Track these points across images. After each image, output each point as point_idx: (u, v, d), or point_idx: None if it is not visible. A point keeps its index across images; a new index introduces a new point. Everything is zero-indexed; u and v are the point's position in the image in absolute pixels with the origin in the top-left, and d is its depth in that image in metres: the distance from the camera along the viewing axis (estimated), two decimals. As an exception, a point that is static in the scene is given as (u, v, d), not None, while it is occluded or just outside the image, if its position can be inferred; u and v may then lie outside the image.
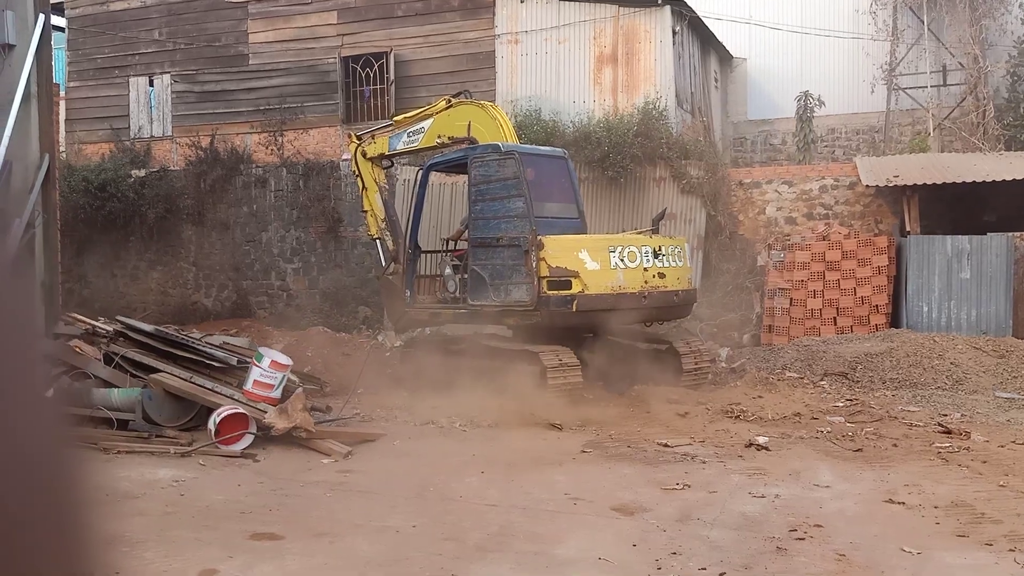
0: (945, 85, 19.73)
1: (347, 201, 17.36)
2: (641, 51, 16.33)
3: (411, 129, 12.38)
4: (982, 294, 13.42)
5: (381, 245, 13.02)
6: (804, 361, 12.06)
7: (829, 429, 8.99)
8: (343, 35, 17.85)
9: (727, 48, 20.13)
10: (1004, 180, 13.48)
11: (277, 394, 8.62)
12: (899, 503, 6.40)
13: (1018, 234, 13.66)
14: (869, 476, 7.21)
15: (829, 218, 15.57)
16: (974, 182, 13.61)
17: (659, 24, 16.28)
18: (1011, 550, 5.35)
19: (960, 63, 19.26)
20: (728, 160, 18.87)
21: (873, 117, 19.99)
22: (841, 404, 10.33)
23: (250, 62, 18.50)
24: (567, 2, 16.71)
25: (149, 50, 19.29)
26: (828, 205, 15.73)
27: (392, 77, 17.34)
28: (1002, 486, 6.84)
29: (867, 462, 7.69)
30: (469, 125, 11.48)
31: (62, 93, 19.68)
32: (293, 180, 17.68)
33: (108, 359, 9.06)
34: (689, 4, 16.84)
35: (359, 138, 13.27)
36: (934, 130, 19.15)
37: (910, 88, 19.71)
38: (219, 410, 8.17)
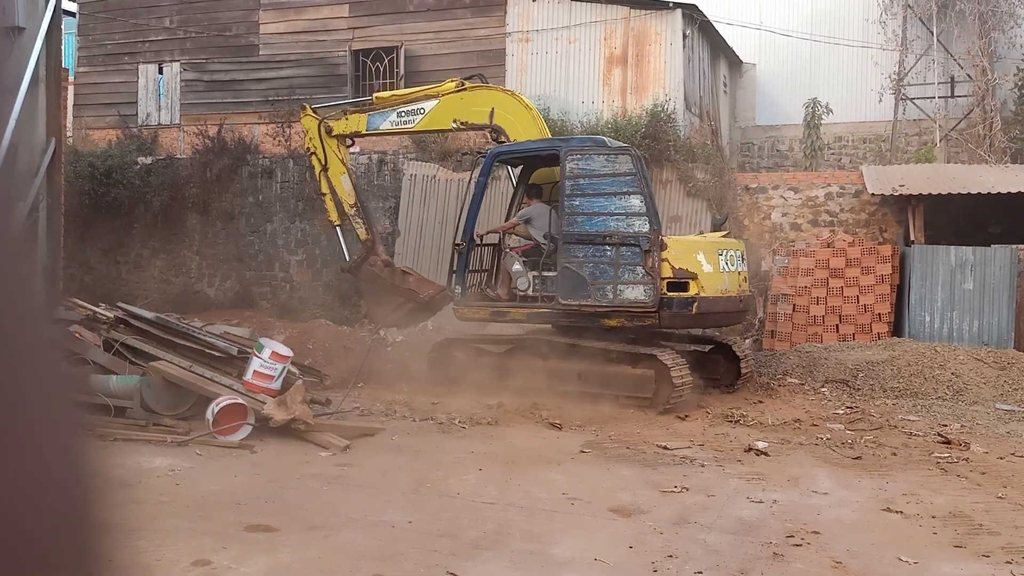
0: (953, 96, 19.69)
1: (352, 195, 17.34)
2: (651, 53, 16.31)
3: (404, 108, 11.75)
4: (985, 305, 13.39)
5: (343, 233, 12.31)
6: (805, 367, 12.05)
7: (829, 436, 8.97)
8: (354, 28, 17.84)
9: (737, 53, 20.10)
10: (1009, 192, 13.46)
11: (277, 385, 8.60)
12: (897, 512, 6.38)
13: (1022, 246, 13.63)
14: (868, 484, 7.19)
15: (834, 225, 15.55)
16: (979, 194, 13.59)
17: (670, 27, 16.26)
18: (1008, 562, 5.33)
19: (968, 75, 19.23)
20: (735, 165, 18.85)
21: (880, 126, 19.95)
22: (841, 411, 10.31)
23: (260, 52, 18.50)
24: (579, 2, 16.70)
25: (159, 37, 19.29)
26: (833, 212, 15.71)
27: (402, 72, 17.33)
28: (1000, 498, 6.82)
29: (866, 470, 7.67)
30: (492, 112, 11.14)
31: (71, 78, 19.72)
32: (299, 172, 17.66)
33: (108, 345, 9.05)
34: (700, 8, 16.80)
35: (315, 111, 12.44)
36: (940, 141, 19.11)
37: (918, 98, 19.68)
38: (217, 400, 8.16)
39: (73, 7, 19.61)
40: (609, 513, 6.29)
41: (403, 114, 11.83)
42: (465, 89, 11.48)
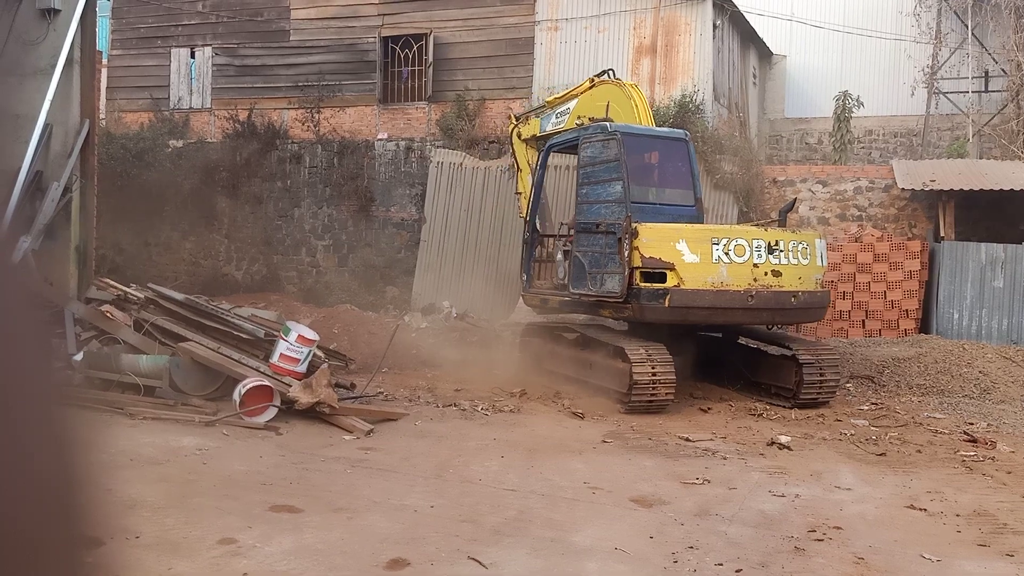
0: (987, 91, 19.39)
1: (380, 180, 17.43)
2: (680, 43, 16.20)
3: (559, 110, 12.01)
4: (1015, 304, 13.22)
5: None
6: (839, 369, 11.92)
7: (853, 432, 8.92)
8: (384, 15, 17.88)
9: (767, 44, 19.91)
10: (1044, 190, 13.27)
11: (303, 368, 8.69)
12: (921, 509, 6.35)
13: (1055, 245, 13.45)
14: (891, 481, 7.15)
15: (863, 220, 15.40)
16: (1012, 190, 13.40)
17: (700, 17, 16.14)
18: (1032, 563, 5.29)
19: (1003, 69, 18.93)
20: (763, 157, 18.71)
21: (912, 120, 19.71)
22: (866, 407, 10.24)
23: (291, 38, 18.58)
24: (608, -9, 16.62)
25: (192, 22, 19.43)
26: (862, 207, 15.56)
27: (430, 59, 17.35)
28: (1026, 498, 6.76)
29: (890, 467, 7.63)
30: (608, 106, 10.99)
31: (104, 60, 19.88)
32: (328, 157, 17.76)
33: (138, 326, 9.17)
34: (731, -2, 16.68)
35: (517, 119, 13.09)
36: (973, 136, 18.85)
37: (951, 92, 19.41)
38: (245, 381, 8.25)
39: (107, -9, 19.78)
40: (630, 503, 6.30)
41: (559, 115, 12.03)
42: (594, 86, 11.51)
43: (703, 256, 9.35)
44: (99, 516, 1.04)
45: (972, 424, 9.45)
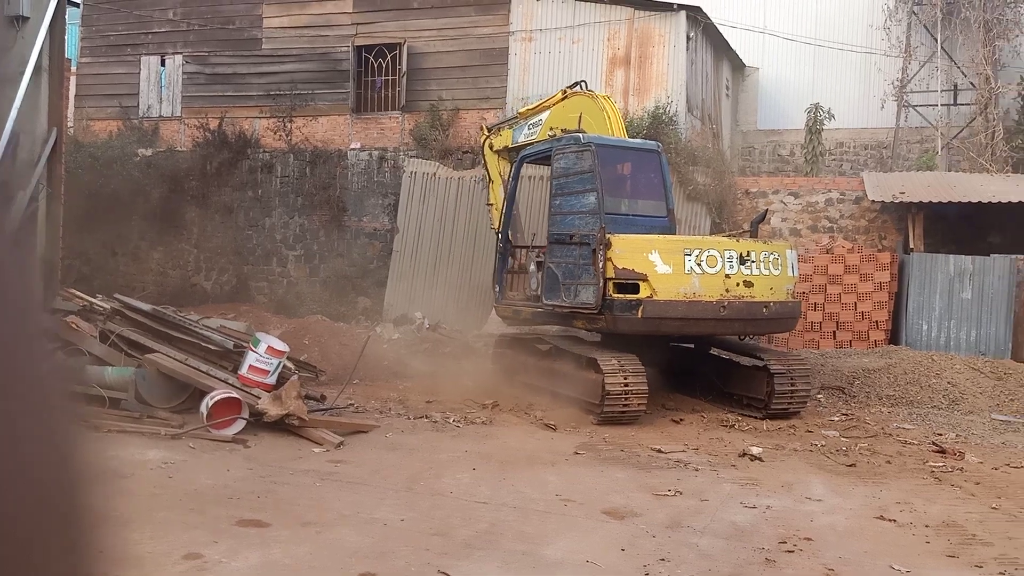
0: (955, 104, 19.69)
1: (352, 190, 17.34)
2: (654, 55, 16.30)
3: (531, 121, 12.04)
4: (983, 315, 13.39)
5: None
6: (810, 380, 11.98)
7: (823, 443, 8.96)
8: (357, 24, 17.83)
9: (740, 57, 20.09)
10: (1010, 202, 13.45)
11: (272, 380, 8.58)
12: (890, 520, 6.37)
13: (1021, 256, 13.62)
14: (861, 492, 7.18)
15: (834, 231, 15.54)
16: (980, 202, 13.58)
17: (674, 29, 16.25)
18: (1001, 573, 5.32)
19: (972, 83, 19.23)
20: (735, 168, 18.84)
21: (882, 133, 19.95)
22: (836, 418, 10.30)
23: (263, 46, 18.48)
24: (583, 2, 16.67)
25: (162, 29, 19.27)
26: (833, 218, 15.70)
27: (404, 69, 17.31)
28: (994, 508, 6.81)
29: (860, 478, 7.66)
30: (580, 117, 11.02)
31: (73, 68, 19.67)
32: (300, 167, 17.65)
33: (104, 337, 9.02)
34: (704, 11, 16.79)
35: (489, 130, 13.11)
36: (942, 149, 19.11)
37: (920, 106, 19.68)
38: (212, 393, 8.13)
39: (77, -2, 19.59)
40: (602, 515, 6.27)
41: (531, 126, 12.06)
42: (567, 97, 11.56)
43: (675, 267, 9.38)
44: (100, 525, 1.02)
45: (941, 435, 9.53)
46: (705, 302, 9.45)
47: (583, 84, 11.69)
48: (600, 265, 9.38)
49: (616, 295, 9.35)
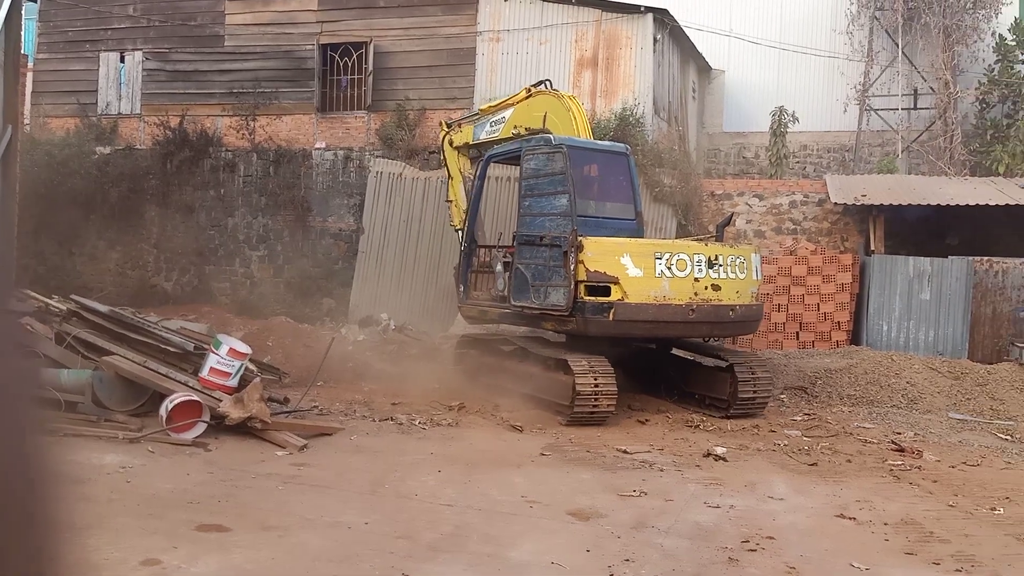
0: (916, 108, 20.01)
1: (317, 190, 17.19)
2: (621, 57, 16.35)
3: (493, 118, 11.99)
4: (941, 316, 13.61)
5: (462, 236, 12.67)
6: (772, 381, 12.09)
7: (786, 442, 9.04)
8: (323, 22, 17.67)
9: (706, 59, 20.23)
10: (968, 205, 13.69)
11: (234, 383, 8.46)
12: (850, 518, 6.45)
13: (978, 258, 13.88)
14: (822, 490, 7.25)
15: (797, 233, 15.71)
16: (939, 205, 13.80)
17: (641, 31, 16.31)
18: (958, 570, 5.40)
19: (931, 87, 19.56)
20: (701, 170, 18.98)
21: (845, 136, 20.22)
22: (799, 418, 10.41)
23: (225, 44, 18.24)
24: (550, 3, 16.68)
25: (122, 25, 18.94)
26: (797, 220, 15.87)
27: (370, 68, 17.20)
28: (951, 506, 6.92)
29: (821, 476, 7.74)
30: (545, 116, 11.01)
31: (30, 64, 19.27)
32: (263, 166, 17.46)
33: (60, 339, 8.85)
34: (671, 13, 16.88)
35: (448, 126, 13.01)
36: (902, 152, 19.41)
37: (882, 109, 19.97)
38: (172, 396, 8.00)
39: (34, -8, 19.19)
40: (567, 516, 6.27)
41: (493, 123, 12.01)
42: (531, 96, 11.51)
43: (646, 270, 9.46)
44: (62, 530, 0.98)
45: (900, 434, 9.67)
46: (675, 305, 9.55)
47: (548, 83, 11.67)
48: (571, 267, 9.42)
49: (587, 297, 9.39)
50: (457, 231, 12.72)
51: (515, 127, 11.47)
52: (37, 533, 0.96)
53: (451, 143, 12.85)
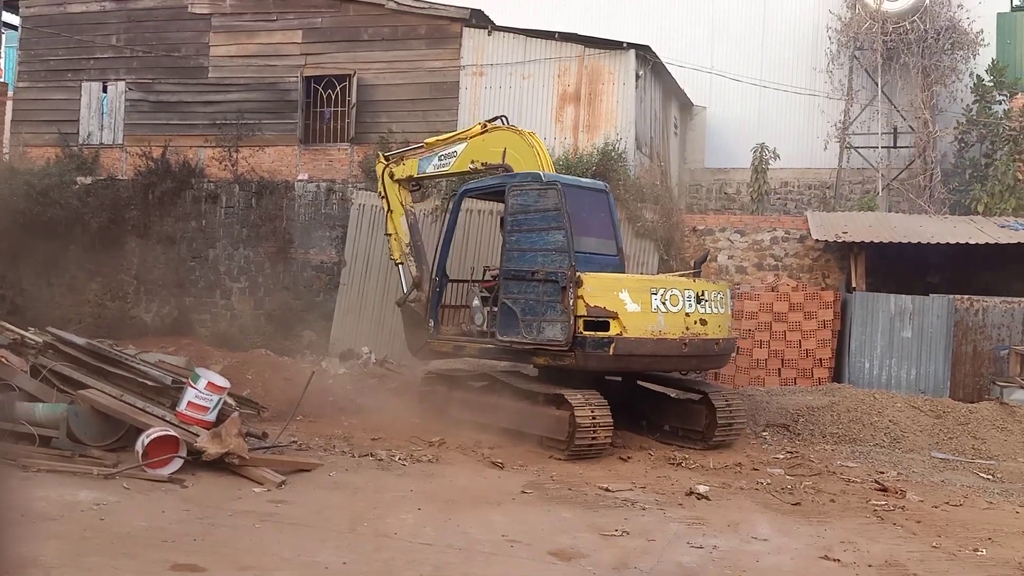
0: (895, 147, 20.28)
1: (299, 222, 17.13)
2: (604, 92, 16.48)
3: (443, 152, 12.02)
4: (922, 354, 13.66)
5: (403, 270, 12.72)
6: (747, 411, 12.09)
7: (769, 481, 9.00)
8: (307, 55, 17.72)
9: (688, 96, 20.44)
10: (948, 243, 13.81)
11: (212, 417, 8.34)
12: (834, 560, 6.40)
13: (959, 297, 13.97)
14: (806, 531, 7.20)
15: (779, 269, 15.79)
16: (919, 243, 13.92)
17: (623, 67, 16.46)
18: (944, 615, 5.35)
19: (911, 126, 19.83)
20: (683, 206, 19.08)
21: (825, 173, 20.42)
22: (782, 456, 10.38)
23: (209, 75, 18.23)
24: (534, 39, 16.83)
25: (105, 55, 18.89)
26: (778, 257, 15.95)
27: (354, 100, 17.24)
28: (935, 547, 6.89)
29: (805, 516, 7.70)
30: (504, 152, 11.10)
31: (10, 92, 19.20)
32: (245, 198, 17.39)
33: (35, 372, 8.70)
34: (653, 50, 17.07)
35: (387, 158, 12.97)
36: (882, 190, 19.62)
37: (862, 147, 20.21)
38: (148, 431, 7.87)
39: (16, 20, 19.13)
40: (549, 556, 6.18)
41: (443, 157, 12.06)
42: (487, 131, 11.57)
43: (643, 305, 9.75)
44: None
45: (883, 473, 9.65)
46: (670, 339, 9.86)
47: (504, 119, 11.80)
48: (570, 303, 9.57)
49: (587, 332, 9.55)
50: (397, 265, 12.80)
51: (472, 161, 11.55)
52: None
53: (391, 176, 12.80)
